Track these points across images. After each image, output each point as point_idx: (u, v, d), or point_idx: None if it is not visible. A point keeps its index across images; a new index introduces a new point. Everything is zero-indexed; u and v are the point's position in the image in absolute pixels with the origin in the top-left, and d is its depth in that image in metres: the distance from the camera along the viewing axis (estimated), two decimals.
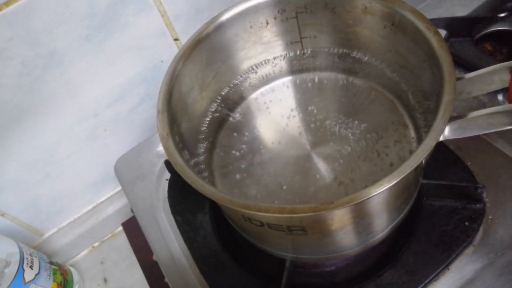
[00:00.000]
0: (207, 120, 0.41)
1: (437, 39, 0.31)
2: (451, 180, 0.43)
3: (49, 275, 0.53)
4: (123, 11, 0.46)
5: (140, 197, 0.51)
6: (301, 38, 0.42)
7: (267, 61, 0.44)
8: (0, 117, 0.46)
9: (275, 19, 0.40)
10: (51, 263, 0.55)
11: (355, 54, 0.41)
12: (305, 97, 0.43)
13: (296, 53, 0.43)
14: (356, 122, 0.39)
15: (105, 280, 0.62)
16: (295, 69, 0.44)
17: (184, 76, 0.37)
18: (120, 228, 0.66)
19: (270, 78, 0.44)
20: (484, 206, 0.41)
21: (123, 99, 0.54)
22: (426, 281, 0.38)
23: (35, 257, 0.52)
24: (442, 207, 0.41)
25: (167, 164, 0.50)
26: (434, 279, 0.38)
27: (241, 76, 0.43)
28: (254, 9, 0.39)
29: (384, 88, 0.40)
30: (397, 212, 0.35)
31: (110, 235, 0.67)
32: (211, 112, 0.42)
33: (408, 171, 0.26)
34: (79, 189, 0.60)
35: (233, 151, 0.41)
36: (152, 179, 0.52)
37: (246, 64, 0.43)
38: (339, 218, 0.30)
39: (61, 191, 0.58)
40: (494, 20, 0.52)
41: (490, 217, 0.40)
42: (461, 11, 0.57)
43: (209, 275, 0.43)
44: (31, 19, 0.41)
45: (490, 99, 0.47)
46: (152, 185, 0.52)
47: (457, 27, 0.52)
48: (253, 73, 0.44)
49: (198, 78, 0.39)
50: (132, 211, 0.52)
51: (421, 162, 0.26)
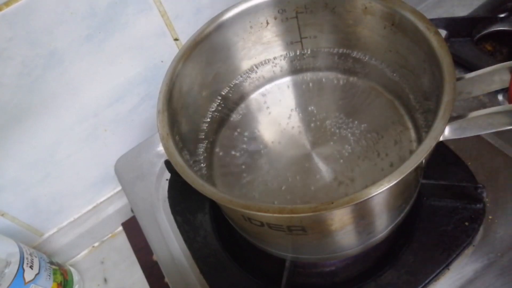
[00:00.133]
0: (207, 120, 0.41)
1: (437, 39, 0.31)
2: (451, 180, 0.43)
3: (49, 275, 0.53)
4: (123, 11, 0.46)
5: (140, 197, 0.51)
6: (301, 38, 0.42)
7: (267, 61, 0.44)
8: (0, 117, 0.46)
9: (275, 19, 0.40)
10: (51, 263, 0.55)
11: (355, 54, 0.41)
12: (305, 97, 0.43)
13: (296, 53, 0.43)
14: (356, 122, 0.39)
15: (105, 280, 0.62)
16: (295, 69, 0.44)
17: (184, 76, 0.37)
18: (120, 228, 0.66)
19: (270, 78, 0.44)
20: (484, 206, 0.41)
21: (123, 99, 0.54)
22: (426, 281, 0.38)
23: (35, 257, 0.52)
24: (442, 207, 0.41)
25: (167, 164, 0.50)
26: (434, 279, 0.38)
27: (241, 76, 0.43)
28: (254, 9, 0.39)
29: (384, 88, 0.40)
30: (397, 212, 0.35)
31: (110, 235, 0.67)
32: (211, 112, 0.42)
33: (408, 171, 0.26)
34: (79, 189, 0.60)
35: (233, 151, 0.41)
36: (152, 179, 0.52)
37: (246, 64, 0.43)
38: (339, 218, 0.30)
39: (61, 191, 0.58)
40: (494, 20, 0.52)
41: (490, 217, 0.40)
42: (461, 11, 0.57)
43: (209, 275, 0.43)
44: (31, 19, 0.41)
45: (490, 99, 0.47)
46: (152, 185, 0.52)
47: (457, 27, 0.52)
48: (253, 73, 0.44)
49: (198, 78, 0.39)
50: (132, 211, 0.52)
51: (421, 162, 0.26)
